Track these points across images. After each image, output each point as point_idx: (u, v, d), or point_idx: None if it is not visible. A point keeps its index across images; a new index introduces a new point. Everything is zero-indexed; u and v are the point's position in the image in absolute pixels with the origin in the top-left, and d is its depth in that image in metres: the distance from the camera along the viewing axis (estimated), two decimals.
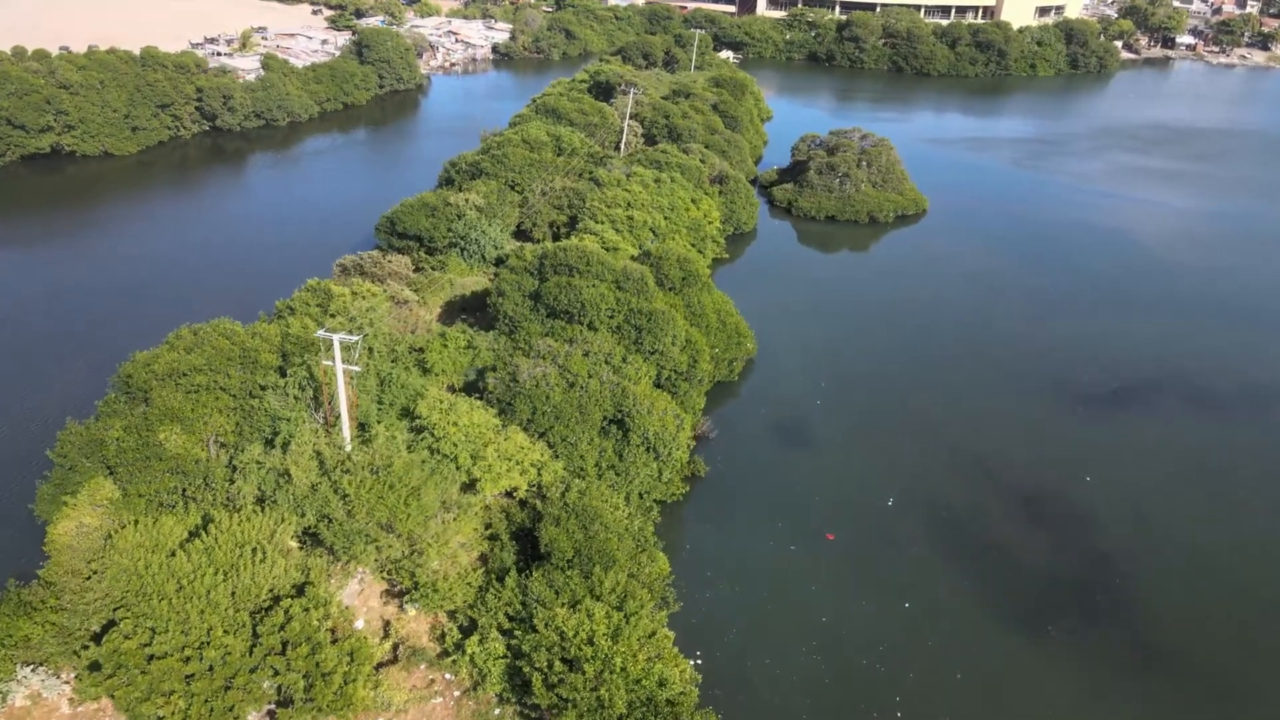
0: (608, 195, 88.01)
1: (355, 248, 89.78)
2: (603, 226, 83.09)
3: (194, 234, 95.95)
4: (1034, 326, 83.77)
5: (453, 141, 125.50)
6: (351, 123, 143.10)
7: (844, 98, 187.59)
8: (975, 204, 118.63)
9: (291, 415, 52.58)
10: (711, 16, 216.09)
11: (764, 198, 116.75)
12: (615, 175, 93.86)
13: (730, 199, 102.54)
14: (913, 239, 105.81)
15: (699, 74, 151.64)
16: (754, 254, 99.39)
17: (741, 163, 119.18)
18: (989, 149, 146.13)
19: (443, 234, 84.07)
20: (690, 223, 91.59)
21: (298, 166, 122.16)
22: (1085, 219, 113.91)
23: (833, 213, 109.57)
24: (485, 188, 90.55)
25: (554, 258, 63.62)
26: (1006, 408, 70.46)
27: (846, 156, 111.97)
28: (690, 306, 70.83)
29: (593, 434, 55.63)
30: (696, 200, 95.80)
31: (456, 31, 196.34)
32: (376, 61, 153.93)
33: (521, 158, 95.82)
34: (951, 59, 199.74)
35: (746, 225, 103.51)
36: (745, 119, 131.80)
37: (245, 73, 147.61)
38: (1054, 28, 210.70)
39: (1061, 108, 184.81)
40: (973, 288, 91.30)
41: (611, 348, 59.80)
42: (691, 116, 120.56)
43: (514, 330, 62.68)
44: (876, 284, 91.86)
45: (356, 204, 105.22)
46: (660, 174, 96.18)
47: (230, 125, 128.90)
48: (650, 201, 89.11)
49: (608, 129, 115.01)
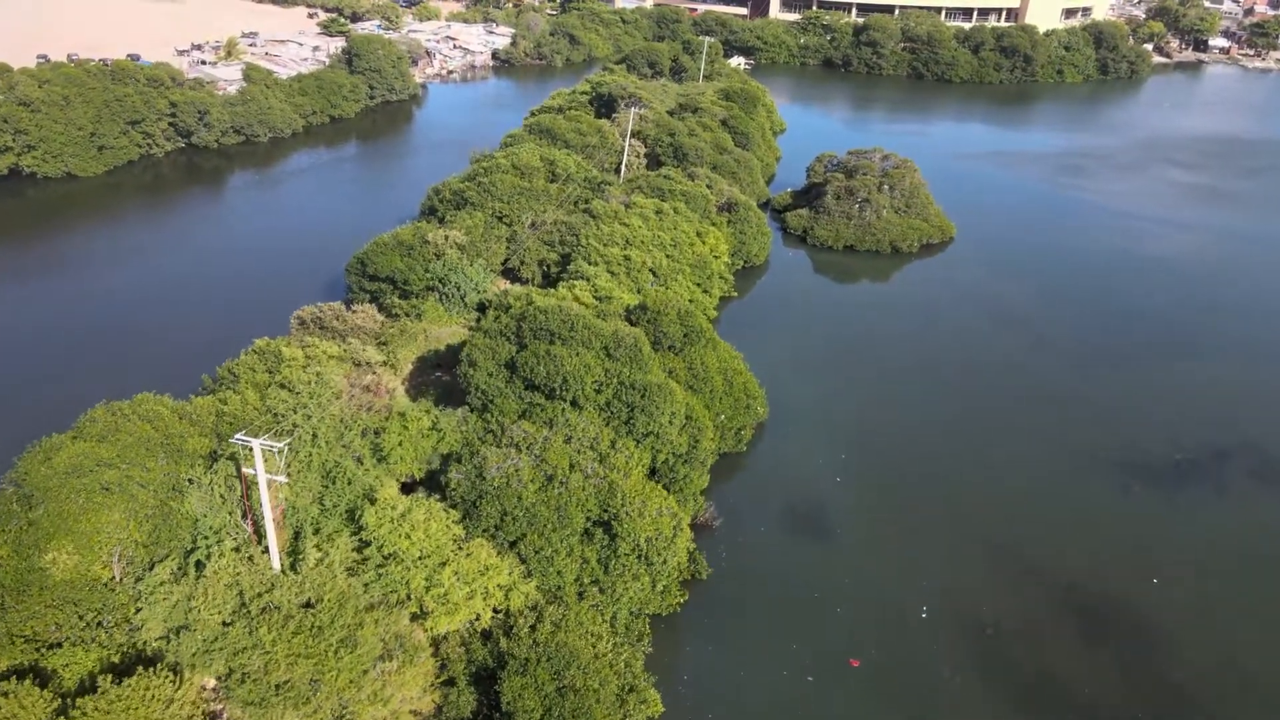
0: (603, 231, 79.37)
1: (330, 284, 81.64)
2: (597, 269, 74.46)
3: (156, 268, 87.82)
4: (1079, 382, 74.62)
5: (446, 158, 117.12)
6: (339, 137, 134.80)
7: (861, 106, 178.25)
8: (1006, 230, 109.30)
9: (216, 522, 44.24)
10: (722, 20, 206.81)
11: (776, 223, 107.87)
12: (613, 207, 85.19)
13: (740, 229, 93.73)
14: (939, 272, 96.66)
15: (708, 85, 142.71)
16: (765, 291, 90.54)
17: (752, 184, 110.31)
18: (1018, 165, 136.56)
19: (419, 276, 75.63)
20: (695, 260, 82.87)
21: (277, 188, 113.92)
22: (1130, 247, 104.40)
23: (852, 242, 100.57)
24: (469, 221, 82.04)
25: (533, 320, 55.03)
26: (1053, 486, 61.50)
27: (866, 180, 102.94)
28: (692, 369, 62.16)
29: (573, 541, 47.08)
30: (702, 233, 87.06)
31: (455, 37, 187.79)
32: (367, 71, 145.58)
33: (510, 186, 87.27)
34: (974, 65, 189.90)
35: (757, 258, 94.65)
36: (756, 134, 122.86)
37: (228, 84, 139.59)
38: (1082, 31, 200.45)
39: (1094, 118, 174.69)
40: (1008, 334, 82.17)
41: (598, 431, 51.21)
42: (698, 134, 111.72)
43: (486, 406, 54.13)
44: (901, 329, 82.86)
45: (337, 231, 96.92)
46: (663, 204, 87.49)
47: (206, 142, 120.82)
48: (650, 238, 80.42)
49: (607, 149, 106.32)
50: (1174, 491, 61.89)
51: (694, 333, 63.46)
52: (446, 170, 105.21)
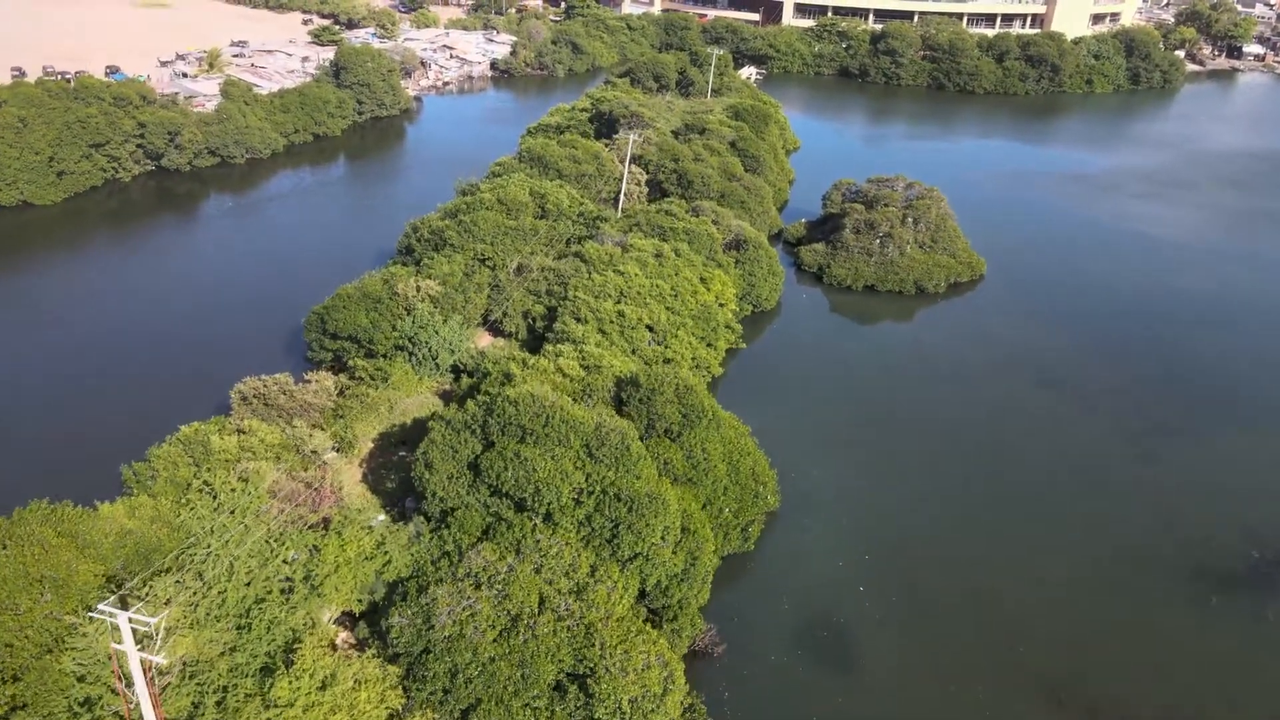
0: (595, 282, 70.66)
1: (296, 335, 73.11)
2: (586, 328, 65.74)
3: (102, 314, 79.54)
4: (1134, 458, 65.48)
5: (437, 179, 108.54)
6: (323, 157, 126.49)
7: (879, 119, 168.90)
8: (1041, 265, 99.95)
9: (93, 690, 35.84)
10: (733, 27, 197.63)
11: (789, 256, 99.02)
12: (607, 250, 76.50)
13: (749, 269, 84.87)
14: (970, 318, 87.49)
15: (716, 101, 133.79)
16: (777, 342, 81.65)
17: (763, 214, 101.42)
18: (1051, 186, 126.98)
19: (386, 333, 67.16)
20: (698, 311, 74.11)
21: (249, 218, 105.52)
22: (1184, 285, 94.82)
23: (872, 282, 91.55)
24: (447, 267, 73.49)
25: (501, 413, 46.39)
26: (1113, 595, 52.50)
27: (888, 212, 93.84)
28: (692, 458, 53.45)
29: (540, 704, 38.47)
30: (707, 278, 78.28)
31: (452, 46, 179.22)
32: (355, 85, 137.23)
33: (494, 225, 78.68)
34: (999, 75, 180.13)
35: (768, 302, 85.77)
36: (768, 156, 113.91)
37: (207, 99, 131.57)
38: (1113, 39, 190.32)
39: (1129, 132, 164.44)
40: (1049, 398, 72.98)
41: (575, 556, 42.57)
42: (705, 159, 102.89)
43: (445, 518, 45.56)
44: (928, 391, 73.82)
45: (313, 266, 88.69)
46: (663, 245, 78.75)
47: (178, 165, 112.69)
48: (648, 288, 71.69)
49: (605, 178, 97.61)
50: (1259, 602, 52.81)
51: (694, 413, 54.71)
52: (435, 194, 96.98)
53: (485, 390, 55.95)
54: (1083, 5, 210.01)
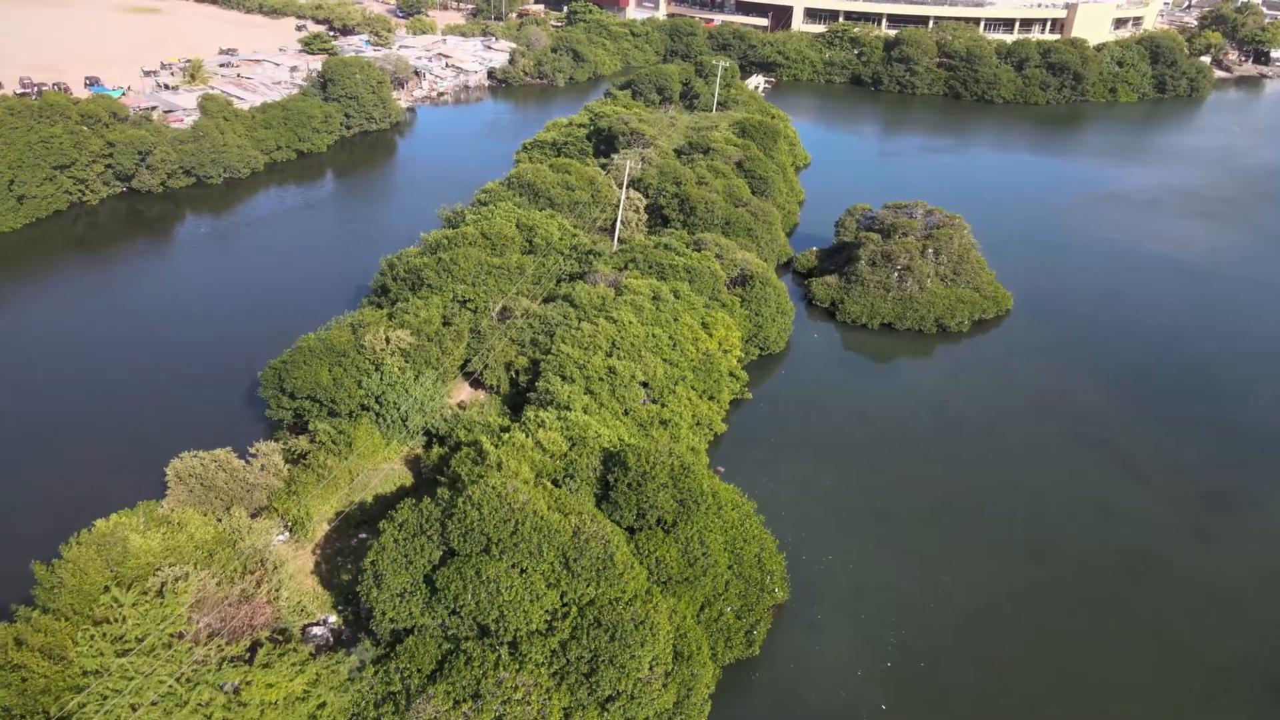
0: (584, 333, 63.65)
1: (257, 385, 66.27)
2: (572, 389, 58.73)
3: (49, 359, 72.86)
4: (1191, 537, 58.19)
5: (426, 200, 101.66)
6: (307, 175, 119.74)
7: (893, 130, 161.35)
8: (1073, 296, 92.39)
9: None
10: (740, 33, 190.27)
11: (799, 287, 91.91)
12: (599, 293, 69.56)
13: (756, 308, 77.78)
14: (997, 361, 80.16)
15: (721, 116, 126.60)
16: (786, 390, 74.48)
17: (771, 242, 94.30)
18: (1081, 206, 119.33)
19: (350, 391, 60.31)
20: (699, 361, 67.09)
21: (222, 244, 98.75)
22: (1242, 324, 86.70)
23: (890, 319, 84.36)
24: (424, 313, 66.56)
25: (462, 517, 39.45)
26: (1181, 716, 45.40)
27: (906, 243, 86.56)
28: (688, 553, 46.45)
29: None
30: (710, 323, 71.21)
31: (448, 55, 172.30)
32: (342, 98, 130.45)
33: (477, 263, 71.83)
34: (1018, 84, 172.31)
35: (776, 344, 78.66)
36: (777, 176, 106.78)
37: (186, 113, 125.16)
38: (1138, 45, 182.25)
39: (1162, 145, 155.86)
40: (1088, 461, 65.62)
41: (543, 701, 35.62)
42: (709, 182, 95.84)
43: (393, 647, 38.65)
44: (953, 450, 66.59)
45: (285, 301, 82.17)
46: (661, 286, 71.76)
47: (149, 186, 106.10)
48: (643, 337, 64.65)
49: (601, 205, 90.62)
50: None
51: (692, 498, 47.70)
52: (422, 217, 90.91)
53: (454, 468, 49.25)
54: (1105, 10, 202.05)
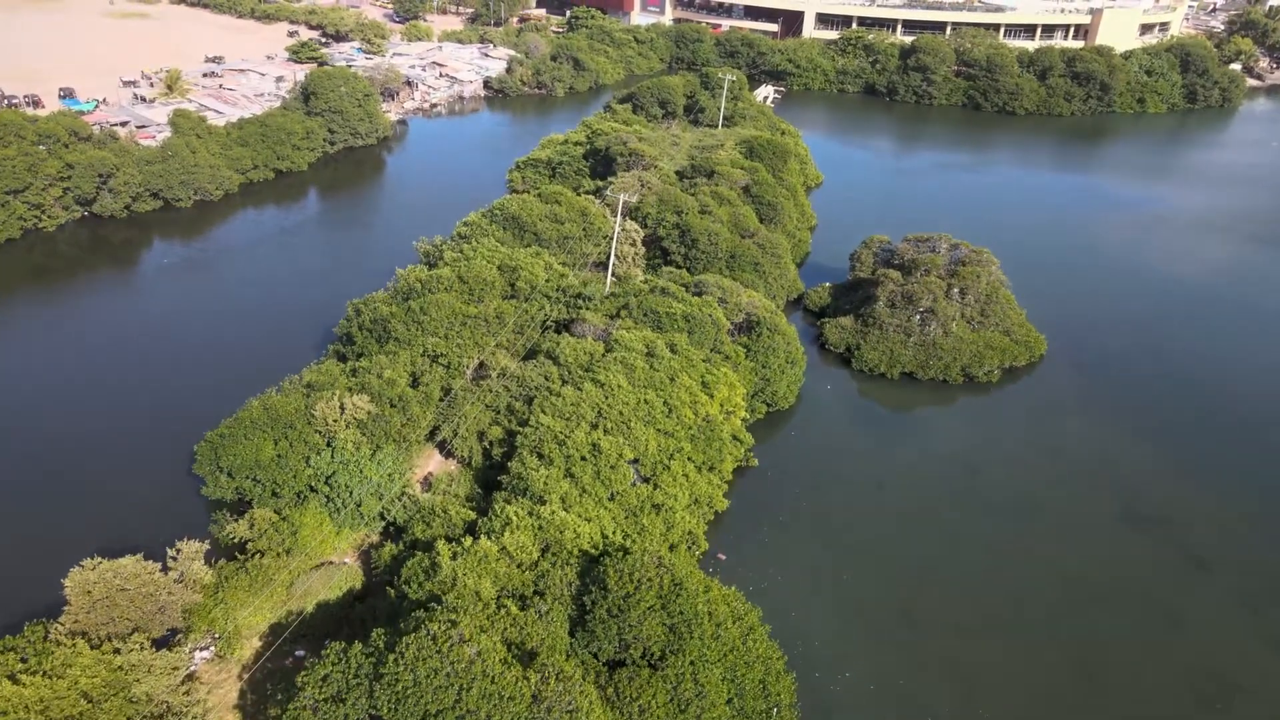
0: (566, 400, 55.90)
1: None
2: (550, 473, 50.95)
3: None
4: (1269, 647, 50.17)
5: (410, 225, 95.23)
6: (285, 197, 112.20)
7: (909, 143, 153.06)
8: (1112, 338, 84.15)
9: None
10: (749, 39, 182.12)
11: (810, 326, 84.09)
12: (586, 349, 61.89)
13: (763, 359, 69.94)
14: (1031, 419, 71.97)
15: (727, 133, 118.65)
16: (795, 454, 66.55)
17: (780, 277, 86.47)
18: (1119, 231, 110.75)
19: (296, 470, 52.74)
20: (698, 428, 59.31)
21: (183, 279, 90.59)
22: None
23: (911, 368, 76.43)
24: (389, 371, 58.99)
25: (393, 681, 31.77)
26: None
27: (930, 283, 78.58)
28: (680, 697, 38.69)
29: None
30: (711, 382, 63.34)
31: (442, 64, 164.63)
32: (326, 112, 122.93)
33: (451, 313, 64.20)
34: (1041, 94, 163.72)
35: (785, 400, 70.79)
36: (787, 202, 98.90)
37: (158, 129, 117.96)
38: (1167, 53, 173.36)
39: (1200, 161, 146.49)
40: (1146, 547, 57.52)
41: None
42: (713, 211, 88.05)
43: None
44: (987, 531, 58.62)
45: (241, 349, 74.68)
46: (656, 339, 63.98)
47: (112, 211, 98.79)
48: (634, 404, 56.88)
49: (594, 237, 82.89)
50: None
51: (685, 624, 40.00)
52: (403, 247, 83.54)
53: (404, 580, 41.67)
54: (1131, 16, 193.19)
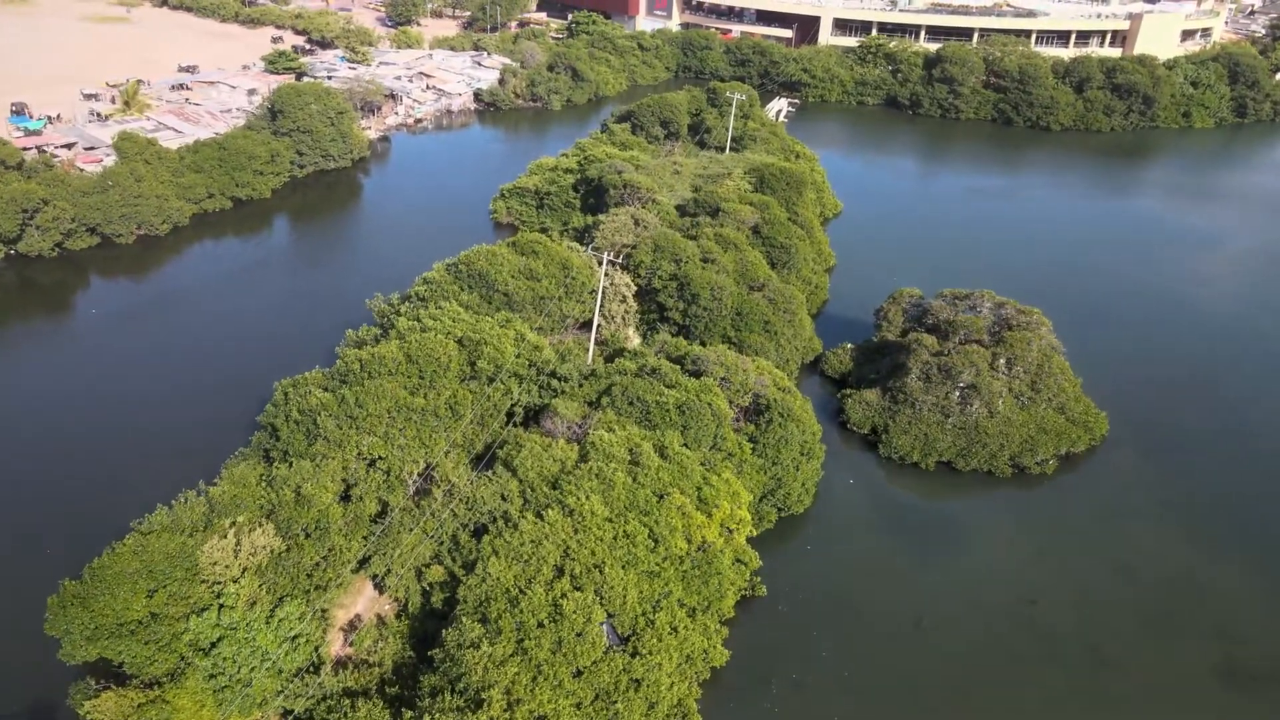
0: (524, 536, 44.14)
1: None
2: (495, 652, 39.15)
3: None
4: None
5: (379, 266, 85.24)
6: (244, 229, 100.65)
7: (935, 163, 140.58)
8: (1185, 410, 71.43)
9: None
10: (761, 47, 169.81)
11: (829, 396, 72.21)
12: (556, 456, 50.19)
13: (773, 453, 58.04)
14: (1096, 526, 59.65)
15: (735, 159, 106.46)
16: (812, 576, 54.39)
17: (794, 337, 74.55)
18: (1175, 265, 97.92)
19: (173, 633, 41.20)
20: (691, 562, 47.51)
21: (111, 334, 78.62)
22: None
23: (950, 456, 64.43)
24: (309, 486, 47.49)
25: None
26: None
27: (972, 353, 66.45)
28: None
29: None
30: (710, 496, 51.44)
31: (430, 74, 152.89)
32: (294, 132, 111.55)
33: (393, 404, 52.62)
34: (1079, 108, 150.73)
35: (799, 503, 58.84)
36: (802, 243, 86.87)
37: (109, 151, 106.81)
38: (1214, 63, 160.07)
39: (1260, 184, 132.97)
40: (1263, 716, 45.63)
41: None
42: (716, 259, 76.14)
43: None
44: (1055, 690, 46.60)
45: (162, 430, 63.39)
46: (644, 441, 52.18)
47: (39, 250, 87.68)
48: (610, 539, 45.10)
49: (577, 294, 71.08)
50: None
51: None
52: (371, 292, 71.89)
53: None
54: (1172, 20, 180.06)
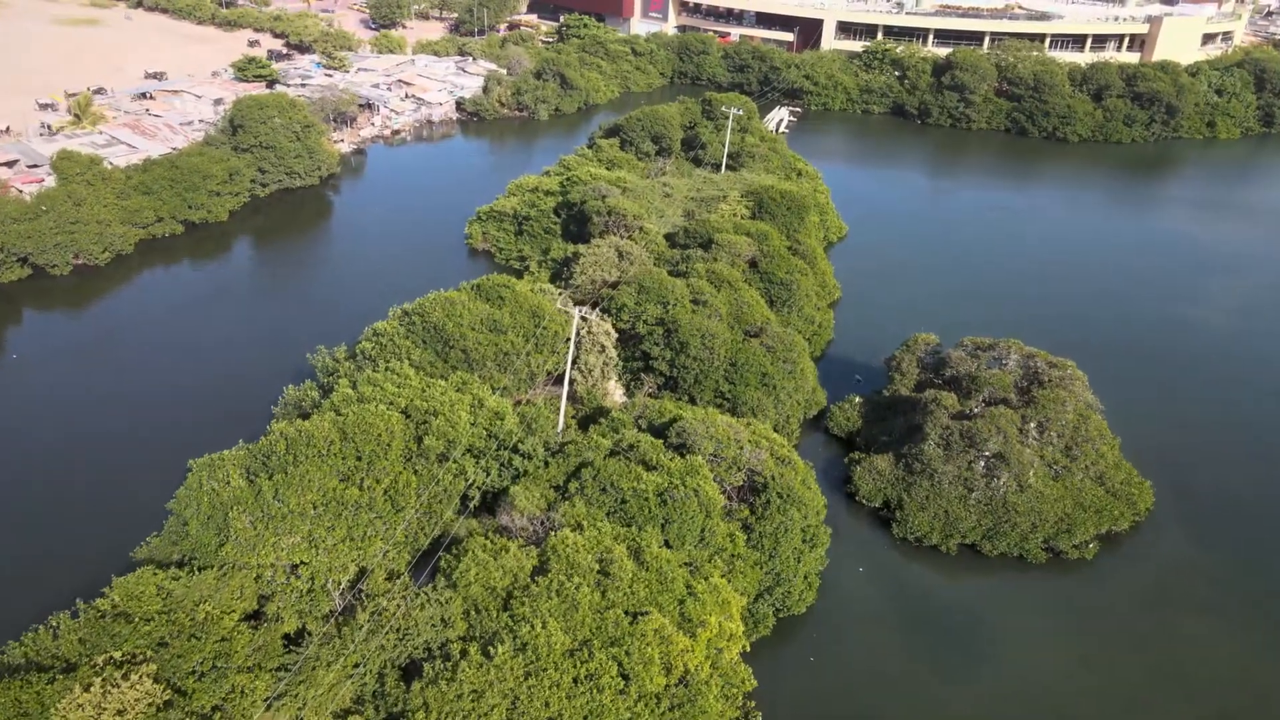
0: (465, 682, 35.83)
1: None
2: None
3: None
4: None
5: (336, 305, 77.08)
6: (194, 255, 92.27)
7: (945, 178, 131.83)
8: (1240, 474, 63.01)
9: None
10: (761, 52, 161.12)
11: (834, 456, 63.93)
12: (508, 568, 41.90)
13: (770, 544, 49.75)
14: (1146, 623, 51.16)
15: (732, 179, 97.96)
16: (814, 699, 45.83)
17: (795, 390, 66.17)
18: (1218, 298, 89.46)
19: None
20: (670, 701, 39.22)
21: (24, 387, 70.60)
22: None
23: (974, 538, 56.07)
24: (208, 607, 39.20)
25: None
26: None
27: (999, 416, 58.09)
28: None
29: None
30: (694, 611, 43.12)
31: (409, 82, 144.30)
32: (255, 148, 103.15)
33: (323, 495, 44.30)
34: (1098, 118, 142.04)
35: (800, 602, 50.50)
36: (803, 277, 78.50)
37: (49, 173, 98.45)
38: (1240, 70, 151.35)
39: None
40: None
41: None
42: (708, 300, 67.82)
43: None
44: None
45: (59, 529, 55.18)
46: (617, 543, 43.90)
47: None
48: (569, 682, 36.83)
49: (549, 343, 62.69)
50: None
51: None
52: (323, 338, 63.73)
53: None
54: (1193, 24, 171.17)
